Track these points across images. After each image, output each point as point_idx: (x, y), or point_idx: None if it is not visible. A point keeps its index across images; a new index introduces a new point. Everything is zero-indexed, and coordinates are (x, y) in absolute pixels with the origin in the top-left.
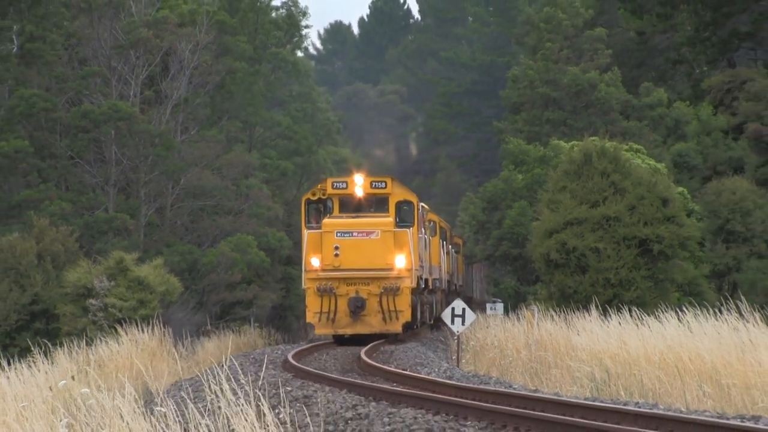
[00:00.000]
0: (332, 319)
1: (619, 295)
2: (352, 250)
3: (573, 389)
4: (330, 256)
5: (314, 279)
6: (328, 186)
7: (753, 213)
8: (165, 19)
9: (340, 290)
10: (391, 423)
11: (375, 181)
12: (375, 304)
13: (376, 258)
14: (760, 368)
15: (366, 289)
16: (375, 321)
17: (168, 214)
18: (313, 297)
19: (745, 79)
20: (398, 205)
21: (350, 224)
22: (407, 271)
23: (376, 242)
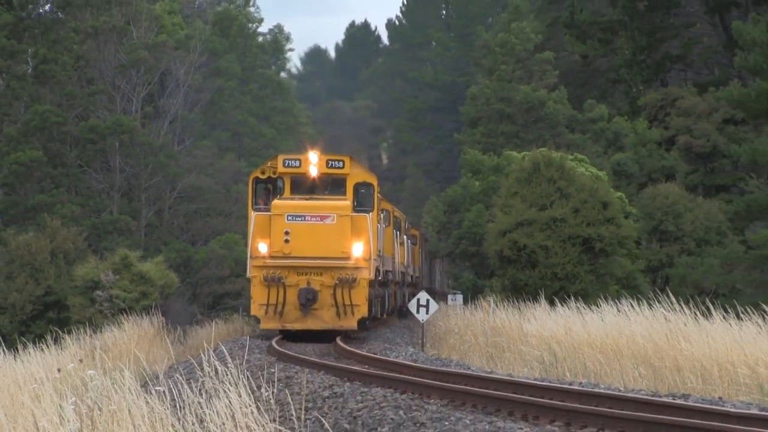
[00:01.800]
0: (280, 313)
1: (564, 287)
2: (305, 235)
3: (524, 371)
4: (279, 242)
5: (261, 267)
6: (279, 164)
7: (683, 215)
8: (163, 43)
9: (289, 280)
10: (363, 401)
11: (331, 160)
12: (328, 296)
13: (330, 245)
14: (687, 352)
15: (318, 279)
16: (327, 316)
17: (166, 216)
18: (258, 287)
19: (676, 97)
20: (356, 188)
21: (303, 207)
22: (365, 261)
23: (332, 228)
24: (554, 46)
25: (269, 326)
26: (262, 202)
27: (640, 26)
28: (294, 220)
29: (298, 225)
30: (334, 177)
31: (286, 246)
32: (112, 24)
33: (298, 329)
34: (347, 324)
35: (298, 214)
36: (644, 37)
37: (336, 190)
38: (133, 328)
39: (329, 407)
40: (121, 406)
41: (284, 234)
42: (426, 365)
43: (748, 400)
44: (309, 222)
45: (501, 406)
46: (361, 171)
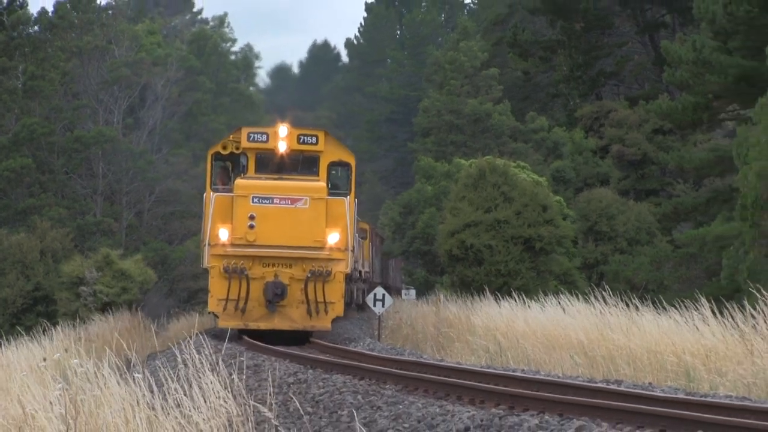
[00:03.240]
0: (242, 310)
1: (507, 283)
2: (273, 221)
3: (472, 359)
4: (243, 228)
5: (220, 256)
6: (243, 137)
7: (616, 217)
8: (142, 60)
9: (253, 272)
10: (325, 386)
11: (304, 135)
12: (298, 292)
13: (302, 233)
14: (620, 342)
15: (288, 272)
16: (297, 314)
17: (145, 218)
18: (218, 279)
19: (609, 110)
20: (332, 167)
21: (271, 188)
22: (342, 252)
23: (304, 213)
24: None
25: (229, 324)
26: (221, 182)
27: (577, 45)
28: (260, 203)
29: (265, 208)
30: (306, 154)
31: (250, 232)
32: (96, 44)
33: (263, 329)
34: (320, 324)
35: (265, 195)
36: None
37: (308, 169)
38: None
39: (294, 392)
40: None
41: (248, 218)
42: (382, 354)
43: (675, 385)
44: (278, 205)
45: (450, 391)
46: (337, 148)
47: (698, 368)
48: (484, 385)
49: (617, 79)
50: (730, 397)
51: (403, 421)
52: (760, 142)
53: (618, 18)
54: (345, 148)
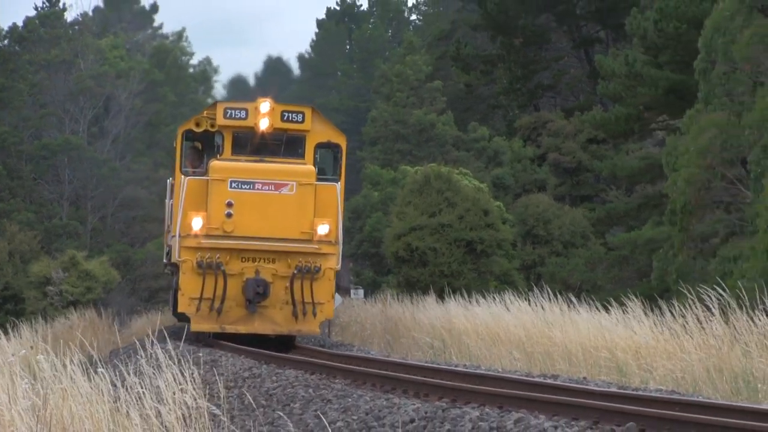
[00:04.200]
0: (218, 310)
1: (451, 283)
2: (253, 209)
3: (417, 354)
4: (219, 216)
5: (194, 249)
6: (219, 114)
7: (552, 221)
8: (106, 73)
9: (231, 267)
10: (278, 380)
11: (288, 112)
12: (282, 291)
13: (287, 223)
14: (557, 339)
15: (270, 268)
16: (281, 317)
17: (108, 222)
18: (190, 275)
19: (546, 120)
20: (319, 149)
21: (252, 171)
22: (332, 246)
23: (290, 200)
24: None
25: (202, 328)
26: (191, 165)
27: (516, 60)
28: (240, 188)
29: (245, 195)
30: (291, 134)
31: (227, 222)
32: (63, 57)
33: (242, 333)
34: (306, 328)
35: (245, 180)
36: (520, 68)
37: (292, 151)
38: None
39: (249, 386)
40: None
41: (226, 206)
42: (332, 350)
43: (608, 379)
44: (260, 191)
45: (396, 384)
46: (326, 128)
47: (630, 363)
48: (428, 379)
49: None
50: (659, 391)
51: (352, 413)
52: (688, 150)
53: (555, 34)
54: (334, 128)
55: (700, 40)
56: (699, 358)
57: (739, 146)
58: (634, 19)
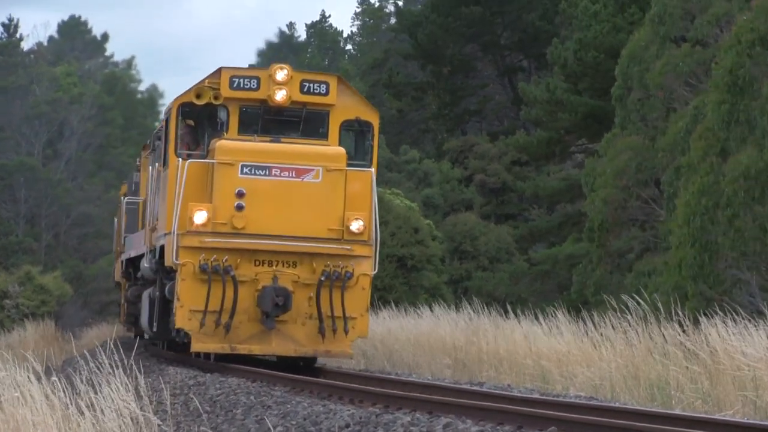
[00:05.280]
0: (225, 326)
1: (383, 296)
2: (270, 200)
3: (352, 363)
4: (227, 209)
5: (196, 249)
6: (224, 83)
7: (479, 238)
8: (60, 98)
9: (242, 272)
10: (221, 388)
11: (309, 82)
12: (306, 302)
13: (312, 218)
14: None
15: (291, 273)
16: (304, 334)
17: (62, 238)
18: (191, 282)
19: (473, 143)
20: (346, 127)
21: (268, 153)
22: (367, 246)
23: (315, 189)
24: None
25: (207, 348)
26: (188, 145)
27: (444, 87)
28: (253, 174)
29: (260, 182)
30: (311, 109)
31: (238, 216)
32: (19, 83)
33: (256, 354)
34: (336, 348)
35: (259, 164)
36: (448, 95)
37: (312, 129)
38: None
39: (194, 393)
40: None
41: (236, 196)
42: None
43: (531, 386)
44: (277, 178)
45: (332, 392)
46: (354, 101)
47: (552, 371)
48: (362, 386)
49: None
50: (579, 397)
51: (291, 419)
52: (606, 172)
53: (480, 63)
54: (364, 102)
55: (616, 68)
56: (617, 366)
57: (653, 168)
58: (555, 49)
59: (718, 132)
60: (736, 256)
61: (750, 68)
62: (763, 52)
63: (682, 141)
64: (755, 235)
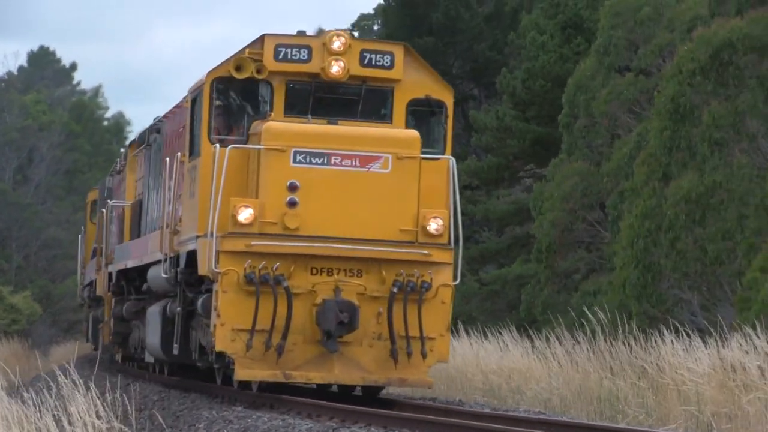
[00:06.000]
0: (278, 349)
1: None
2: (329, 195)
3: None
4: (277, 206)
5: (240, 254)
6: (268, 53)
7: None
8: (29, 126)
9: (296, 282)
10: (184, 403)
11: (371, 52)
12: (374, 319)
13: (380, 216)
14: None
15: (356, 284)
16: (371, 358)
17: (32, 260)
18: (234, 294)
19: None
20: (414, 106)
21: (326, 137)
22: (447, 251)
23: (384, 181)
24: None
25: (255, 375)
26: (221, 129)
27: None
28: (309, 163)
29: (317, 173)
30: (373, 86)
31: (291, 214)
32: None
33: (317, 383)
34: (412, 376)
35: (316, 150)
36: None
37: (373, 110)
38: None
39: (158, 408)
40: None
41: (287, 190)
42: None
43: (482, 401)
44: (338, 168)
45: (292, 406)
46: (424, 76)
47: (502, 386)
48: (319, 401)
49: None
50: (528, 411)
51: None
52: (553, 196)
53: None
54: (436, 77)
55: (563, 96)
56: (565, 381)
57: (599, 192)
58: (504, 78)
59: (660, 157)
60: (677, 276)
61: (691, 96)
62: (703, 81)
63: (626, 166)
64: (696, 256)
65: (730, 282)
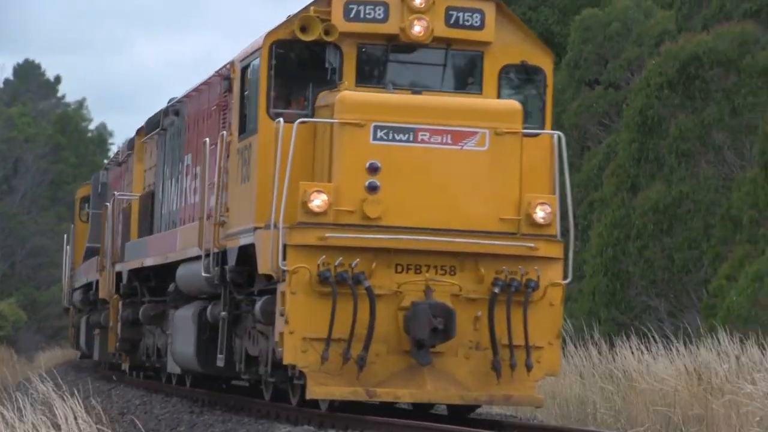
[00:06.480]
0: (359, 361)
1: None
2: (416, 177)
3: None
4: (355, 190)
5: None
6: (337, 12)
7: None
8: (15, 137)
9: (379, 282)
10: (166, 407)
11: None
12: (470, 325)
13: (477, 202)
14: None
15: (450, 284)
16: (468, 372)
17: (17, 268)
18: (305, 296)
19: None
20: (507, 74)
21: (411, 109)
22: (555, 244)
23: (479, 161)
24: None
25: (332, 393)
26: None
27: None
28: (391, 140)
29: (402, 152)
30: (460, 49)
31: (371, 201)
32: None
33: (406, 402)
34: (518, 392)
35: (401, 125)
36: None
37: (459, 79)
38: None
39: (140, 412)
40: None
41: (367, 172)
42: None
43: None
44: (426, 145)
45: (271, 410)
46: (520, 38)
47: None
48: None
49: None
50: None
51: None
52: None
53: None
54: (533, 38)
55: None
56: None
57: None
58: None
59: (629, 169)
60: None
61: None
62: (670, 94)
63: (595, 177)
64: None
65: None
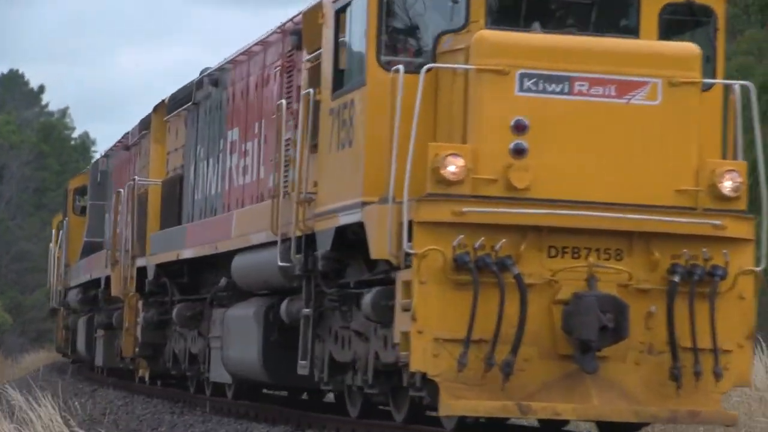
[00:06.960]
0: (504, 368)
1: None
2: (574, 138)
3: None
4: (498, 154)
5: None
6: None
7: None
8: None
9: (528, 268)
10: (148, 408)
11: None
12: (641, 322)
13: (647, 169)
14: None
15: (617, 271)
16: (637, 381)
17: (2, 272)
18: (437, 286)
19: None
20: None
21: (565, 53)
22: (747, 222)
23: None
24: None
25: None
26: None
27: None
28: (542, 92)
29: (555, 106)
30: None
31: (518, 167)
32: None
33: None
34: (705, 406)
35: (553, 73)
36: None
37: (612, 21)
38: None
39: (123, 413)
40: None
41: (512, 131)
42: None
43: None
44: (585, 98)
45: (250, 410)
46: None
47: None
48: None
49: None
50: None
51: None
52: None
53: None
54: None
55: None
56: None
57: None
58: None
59: None
60: None
61: None
62: None
63: None
64: None
65: None
